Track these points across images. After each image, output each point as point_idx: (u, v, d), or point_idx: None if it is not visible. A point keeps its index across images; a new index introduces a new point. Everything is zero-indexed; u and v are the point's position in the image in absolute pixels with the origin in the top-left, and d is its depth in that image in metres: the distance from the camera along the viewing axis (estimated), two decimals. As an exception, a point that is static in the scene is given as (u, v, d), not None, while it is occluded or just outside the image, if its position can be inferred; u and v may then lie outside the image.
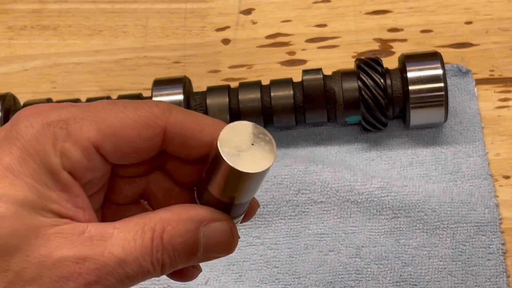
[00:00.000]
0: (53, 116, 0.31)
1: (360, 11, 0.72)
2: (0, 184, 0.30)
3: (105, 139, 0.32)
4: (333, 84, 0.63)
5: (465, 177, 0.61)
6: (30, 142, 0.30)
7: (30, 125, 0.31)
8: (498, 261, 0.57)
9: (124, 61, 0.73)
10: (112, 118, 0.32)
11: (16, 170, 0.30)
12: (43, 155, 0.30)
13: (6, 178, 0.30)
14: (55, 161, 0.31)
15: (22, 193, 0.29)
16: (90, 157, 0.32)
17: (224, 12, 0.74)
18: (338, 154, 0.64)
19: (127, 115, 0.32)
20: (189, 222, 0.32)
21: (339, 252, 0.59)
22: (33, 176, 0.30)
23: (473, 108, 0.65)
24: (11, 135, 0.31)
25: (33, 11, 0.77)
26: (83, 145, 0.31)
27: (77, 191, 0.32)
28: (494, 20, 0.70)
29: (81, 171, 0.32)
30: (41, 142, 0.30)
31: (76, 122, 0.31)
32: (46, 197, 0.30)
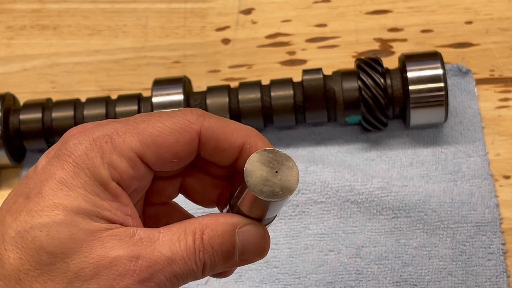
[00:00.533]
0: (98, 132, 0.34)
1: (360, 11, 0.72)
2: (56, 196, 0.33)
3: (147, 148, 0.35)
4: (333, 84, 0.63)
5: (465, 177, 0.61)
6: (80, 158, 0.34)
7: (79, 142, 0.34)
8: (498, 261, 0.57)
9: (124, 61, 0.73)
10: (151, 128, 0.35)
11: (70, 183, 0.33)
12: (93, 168, 0.33)
13: (61, 190, 0.33)
14: (104, 173, 0.34)
15: (77, 203, 0.33)
16: (135, 166, 0.35)
17: (224, 12, 0.74)
18: (338, 154, 0.64)
19: (164, 123, 0.35)
20: (226, 224, 0.35)
21: (339, 252, 0.59)
22: (85, 187, 0.33)
23: (473, 108, 0.65)
24: (61, 152, 0.34)
25: (33, 11, 0.77)
26: (128, 156, 0.34)
27: (125, 200, 0.35)
28: (494, 20, 0.70)
29: (128, 180, 0.35)
30: (90, 157, 0.34)
31: (119, 136, 0.34)
32: (98, 206, 0.33)
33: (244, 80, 0.69)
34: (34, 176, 0.34)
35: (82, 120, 0.64)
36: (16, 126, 0.65)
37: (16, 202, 0.33)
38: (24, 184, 0.34)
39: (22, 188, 0.34)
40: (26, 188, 0.34)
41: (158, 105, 0.63)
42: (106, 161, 0.34)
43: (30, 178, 0.34)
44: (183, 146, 0.35)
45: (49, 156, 0.35)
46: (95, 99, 0.65)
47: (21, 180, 0.35)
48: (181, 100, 0.63)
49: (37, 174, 0.34)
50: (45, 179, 0.33)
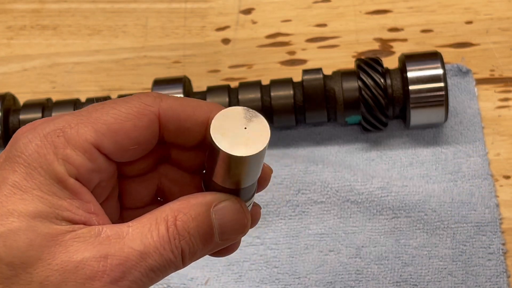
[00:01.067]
0: (49, 128, 0.32)
1: (360, 11, 0.72)
2: (10, 201, 0.30)
3: (103, 137, 0.32)
4: (333, 84, 0.63)
5: (466, 177, 0.61)
6: (31, 156, 0.31)
7: (29, 140, 0.31)
8: (499, 261, 0.57)
9: (124, 61, 0.73)
10: (105, 116, 0.33)
11: (23, 185, 0.30)
12: (47, 166, 0.31)
13: (15, 194, 0.30)
14: (60, 169, 0.31)
15: (33, 206, 0.30)
16: (92, 158, 0.32)
17: (224, 11, 0.74)
18: (338, 154, 0.64)
19: (119, 110, 0.33)
20: (199, 205, 0.33)
21: (339, 252, 0.59)
22: (40, 188, 0.31)
23: (474, 108, 0.65)
24: (11, 154, 0.31)
25: (33, 11, 0.77)
26: (83, 148, 0.32)
27: (87, 197, 0.32)
28: (494, 20, 0.70)
29: (87, 174, 0.32)
30: (42, 154, 0.31)
31: (71, 128, 0.32)
32: (57, 206, 0.31)
33: (244, 80, 0.69)
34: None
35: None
36: (16, 126, 0.65)
37: None
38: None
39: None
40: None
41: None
42: (60, 156, 0.31)
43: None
44: (142, 130, 0.33)
45: (0, 160, 0.32)
46: (95, 99, 0.65)
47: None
48: (181, 100, 0.63)
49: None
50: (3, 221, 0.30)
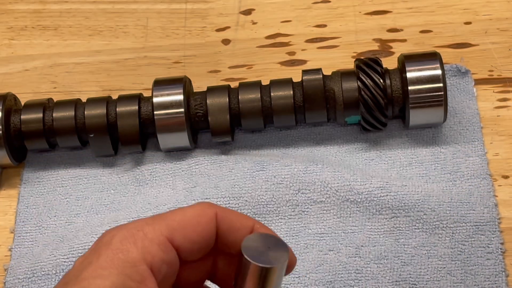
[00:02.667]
0: (131, 226, 0.39)
1: (359, 12, 0.73)
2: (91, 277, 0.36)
3: (174, 231, 0.39)
4: (333, 84, 0.63)
5: (464, 176, 0.62)
6: (115, 245, 0.38)
7: (113, 235, 0.38)
8: (497, 260, 0.58)
9: (125, 61, 0.73)
10: (174, 216, 0.40)
11: (104, 267, 0.37)
12: (126, 252, 0.37)
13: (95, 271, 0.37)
14: (137, 255, 0.37)
15: (109, 282, 0.36)
16: (165, 249, 0.38)
17: (224, 12, 0.75)
18: (338, 154, 0.64)
19: (184, 211, 0.40)
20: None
21: (338, 252, 0.59)
22: (117, 268, 0.37)
23: (472, 108, 0.65)
24: (97, 247, 0.38)
25: (34, 11, 0.77)
26: (159, 240, 0.38)
27: (151, 284, 0.38)
28: (493, 21, 0.70)
29: (159, 264, 0.38)
30: (124, 243, 0.38)
31: (148, 225, 0.39)
32: (126, 286, 0.36)
33: (244, 80, 0.69)
34: (73, 268, 0.38)
35: (83, 120, 0.64)
36: (17, 126, 0.65)
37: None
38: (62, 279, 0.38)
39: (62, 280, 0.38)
40: (64, 279, 0.38)
41: (159, 105, 0.63)
42: (139, 246, 0.38)
43: (67, 274, 0.38)
44: (204, 225, 0.40)
45: (84, 255, 0.39)
46: (95, 99, 0.65)
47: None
48: (181, 100, 0.63)
49: (75, 267, 0.38)
50: (83, 268, 0.37)
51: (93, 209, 0.64)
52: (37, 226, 0.64)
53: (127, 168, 0.66)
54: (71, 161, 0.68)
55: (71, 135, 0.65)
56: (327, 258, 0.59)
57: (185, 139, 0.64)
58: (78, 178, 0.66)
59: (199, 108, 0.64)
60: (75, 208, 0.65)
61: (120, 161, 0.67)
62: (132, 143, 0.64)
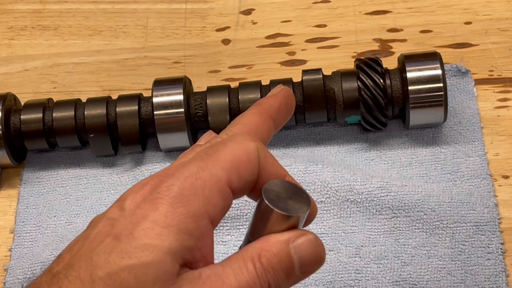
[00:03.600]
0: (186, 172, 0.36)
1: (360, 11, 0.73)
2: (147, 236, 0.34)
3: (230, 174, 0.37)
4: (333, 84, 0.63)
5: (465, 177, 0.62)
6: (175, 198, 0.35)
7: (171, 184, 0.36)
8: (497, 260, 0.58)
9: (125, 61, 0.73)
10: (226, 155, 0.37)
11: (163, 221, 0.35)
12: (188, 205, 0.35)
13: (153, 230, 0.34)
14: (201, 208, 0.35)
15: (168, 242, 0.34)
16: (225, 196, 0.37)
17: (224, 12, 0.75)
18: (338, 154, 0.64)
19: (232, 148, 0.37)
20: (278, 243, 0.37)
21: (338, 252, 0.59)
22: (178, 225, 0.35)
23: (473, 108, 0.65)
24: (153, 196, 0.36)
25: (34, 11, 0.77)
26: (218, 187, 0.36)
27: (209, 240, 0.36)
28: (493, 20, 0.70)
29: (220, 214, 0.37)
30: (185, 195, 0.35)
31: (204, 171, 0.36)
32: (186, 246, 0.35)
33: (244, 80, 0.69)
34: (122, 219, 0.35)
35: (83, 120, 0.64)
36: (17, 126, 0.65)
37: (103, 242, 0.35)
38: (110, 226, 0.36)
39: (107, 229, 0.36)
40: (114, 229, 0.35)
41: (159, 105, 0.63)
42: (200, 196, 0.36)
43: (116, 220, 0.36)
44: (254, 161, 0.38)
45: (137, 200, 0.36)
46: (95, 99, 0.65)
47: (102, 221, 0.36)
48: (181, 100, 0.63)
49: (125, 217, 0.35)
50: (137, 221, 0.35)
51: (93, 209, 0.64)
52: (37, 226, 0.64)
53: (127, 168, 0.66)
54: (71, 161, 0.68)
55: (71, 135, 0.65)
56: (327, 258, 0.59)
57: (185, 139, 0.64)
58: (78, 178, 0.66)
59: (199, 108, 0.64)
60: (75, 208, 0.65)
61: (120, 161, 0.67)
62: (132, 143, 0.64)
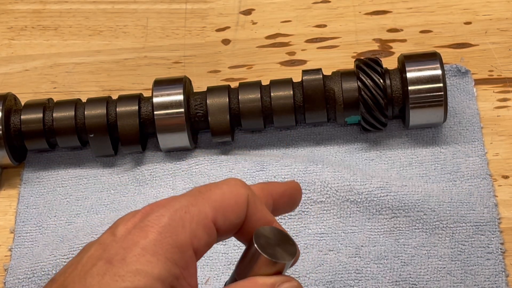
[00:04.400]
0: (177, 205, 0.38)
1: (359, 12, 0.73)
2: (139, 262, 0.35)
3: (217, 213, 0.38)
4: (333, 84, 0.63)
5: (464, 177, 0.62)
6: (164, 227, 0.37)
7: (161, 214, 0.37)
8: (497, 260, 0.58)
9: (125, 61, 0.73)
10: (215, 195, 0.39)
11: (153, 250, 0.36)
12: (176, 236, 0.37)
13: (144, 256, 0.36)
14: (185, 240, 0.37)
15: (157, 270, 0.35)
16: (210, 232, 0.38)
17: (224, 12, 0.75)
18: (338, 154, 0.64)
19: (222, 189, 0.39)
20: (265, 286, 0.38)
21: (338, 252, 0.59)
22: (166, 254, 0.36)
23: (472, 108, 0.65)
24: (144, 224, 0.37)
25: (34, 12, 0.77)
26: (204, 223, 0.38)
27: (193, 269, 0.38)
28: (493, 21, 0.70)
29: (204, 247, 0.38)
30: (173, 226, 0.37)
31: (193, 206, 0.38)
32: (173, 274, 0.36)
33: (244, 80, 0.69)
34: (114, 243, 0.37)
35: (83, 121, 0.64)
36: (17, 126, 0.65)
37: (96, 265, 0.36)
38: (102, 250, 0.37)
39: (99, 253, 0.37)
40: (105, 253, 0.36)
41: (159, 105, 0.63)
42: (187, 229, 0.37)
43: (108, 245, 0.37)
44: (241, 206, 0.39)
45: (128, 226, 0.38)
46: (96, 99, 0.65)
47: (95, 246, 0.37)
48: (182, 100, 0.63)
49: (117, 242, 0.37)
50: (128, 247, 0.36)
51: (93, 209, 0.64)
52: (37, 226, 0.64)
53: (127, 168, 0.66)
54: (71, 161, 0.68)
55: (71, 135, 0.65)
56: (327, 258, 0.59)
57: (185, 139, 0.64)
58: (78, 178, 0.66)
59: (199, 108, 0.64)
60: (75, 208, 0.65)
61: (120, 161, 0.67)
62: (132, 143, 0.64)
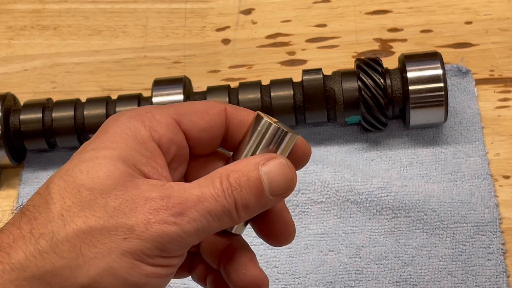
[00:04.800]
0: (138, 110, 0.39)
1: (360, 11, 0.73)
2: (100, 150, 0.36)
3: (182, 116, 0.39)
4: (333, 84, 0.63)
5: (465, 177, 0.61)
6: (123, 123, 0.37)
7: (120, 115, 0.38)
8: (498, 261, 0.57)
9: (124, 61, 0.73)
10: (184, 104, 0.40)
11: (113, 141, 0.36)
12: (134, 129, 0.37)
13: (104, 145, 0.36)
14: (145, 133, 0.37)
15: (117, 152, 0.36)
16: (173, 130, 0.38)
17: (224, 12, 0.75)
18: (338, 154, 0.64)
19: (194, 102, 0.40)
20: (249, 164, 0.37)
21: (339, 252, 0.59)
22: (126, 143, 0.36)
23: (473, 108, 0.65)
24: (105, 126, 0.38)
25: (33, 11, 0.77)
26: (167, 121, 0.38)
27: (161, 162, 0.37)
28: (494, 20, 0.70)
29: (167, 143, 0.38)
30: (132, 121, 0.37)
31: (156, 108, 0.39)
32: (137, 159, 0.36)
33: (244, 80, 0.69)
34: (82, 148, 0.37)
35: (83, 120, 0.64)
36: (16, 126, 0.65)
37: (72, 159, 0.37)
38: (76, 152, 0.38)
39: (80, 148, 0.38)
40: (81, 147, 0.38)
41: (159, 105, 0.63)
42: (147, 124, 0.37)
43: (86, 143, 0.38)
44: (213, 116, 0.39)
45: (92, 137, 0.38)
46: (95, 99, 0.65)
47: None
48: (181, 100, 0.63)
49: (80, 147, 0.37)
50: (89, 143, 0.37)
51: (93, 210, 0.64)
52: (36, 226, 0.64)
53: (127, 168, 0.66)
54: (71, 161, 0.67)
55: (71, 135, 0.65)
56: (328, 259, 0.59)
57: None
58: (77, 178, 0.66)
59: (199, 108, 0.64)
60: (74, 208, 0.65)
61: (119, 161, 0.67)
62: (131, 143, 0.64)
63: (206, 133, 0.39)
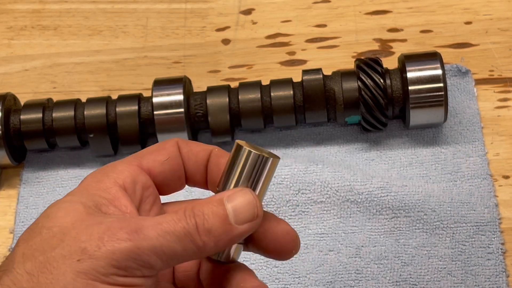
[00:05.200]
0: (104, 166, 0.41)
1: (360, 11, 0.73)
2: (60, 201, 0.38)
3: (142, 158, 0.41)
4: (333, 84, 0.63)
5: (465, 177, 0.61)
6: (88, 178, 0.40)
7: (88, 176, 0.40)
8: (498, 260, 0.57)
9: (124, 61, 0.73)
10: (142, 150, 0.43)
11: (73, 193, 0.38)
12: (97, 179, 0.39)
13: (66, 198, 0.38)
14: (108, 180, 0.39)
15: (77, 198, 0.38)
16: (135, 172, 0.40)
17: (224, 12, 0.75)
18: (338, 154, 0.64)
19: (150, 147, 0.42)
20: (213, 198, 0.38)
21: (339, 252, 0.59)
22: (88, 191, 0.38)
23: (473, 108, 0.65)
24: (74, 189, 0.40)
25: (33, 11, 0.77)
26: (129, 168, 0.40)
27: (126, 202, 0.38)
28: (493, 20, 0.70)
29: (131, 185, 0.39)
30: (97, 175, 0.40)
31: (119, 162, 0.41)
32: (98, 201, 0.38)
33: (244, 80, 0.69)
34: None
35: (83, 121, 0.64)
36: (16, 126, 0.65)
37: None
38: None
39: None
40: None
41: (158, 105, 0.63)
42: (110, 174, 0.39)
43: None
44: (168, 148, 0.41)
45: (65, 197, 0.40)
46: (95, 99, 0.65)
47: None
48: (181, 100, 0.63)
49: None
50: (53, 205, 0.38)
51: (93, 209, 0.64)
52: (36, 226, 0.64)
53: (127, 168, 0.66)
54: (71, 161, 0.67)
55: (71, 135, 0.65)
56: (327, 259, 0.59)
57: (185, 139, 0.63)
58: (78, 178, 0.66)
59: (199, 108, 0.64)
60: (74, 208, 0.65)
61: (120, 161, 0.67)
62: (132, 143, 0.64)
63: (168, 165, 0.41)
